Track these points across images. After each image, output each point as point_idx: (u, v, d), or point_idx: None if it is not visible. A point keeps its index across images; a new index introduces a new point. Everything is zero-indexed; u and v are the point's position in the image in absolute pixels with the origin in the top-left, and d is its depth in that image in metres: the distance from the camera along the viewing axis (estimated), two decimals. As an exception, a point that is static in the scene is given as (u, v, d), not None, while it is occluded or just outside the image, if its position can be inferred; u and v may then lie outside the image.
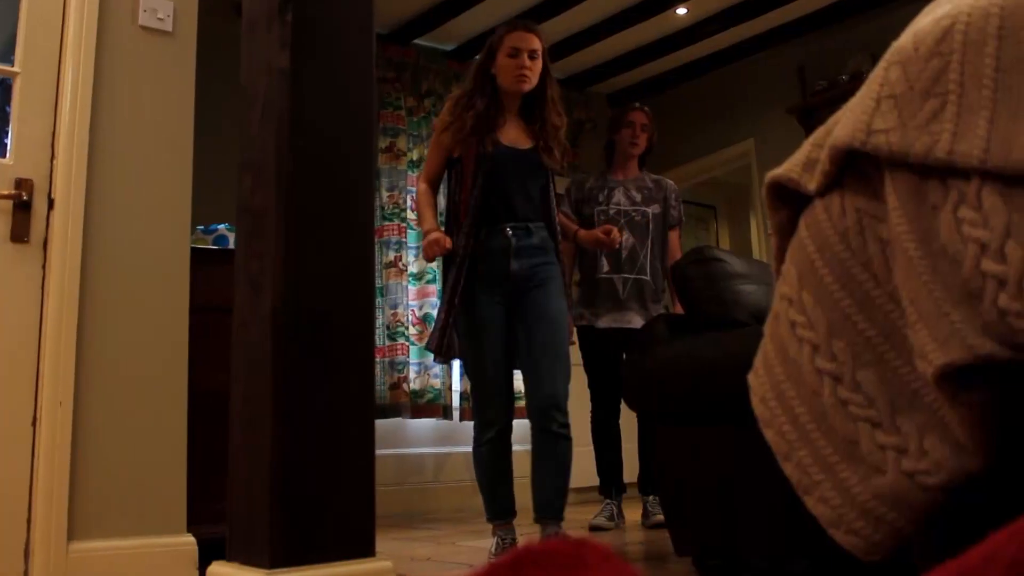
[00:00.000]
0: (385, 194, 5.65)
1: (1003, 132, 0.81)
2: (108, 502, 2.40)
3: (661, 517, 3.79)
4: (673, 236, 4.40)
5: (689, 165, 6.85)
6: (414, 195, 5.80)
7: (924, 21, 0.94)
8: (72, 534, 2.32)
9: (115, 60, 2.59)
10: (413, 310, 5.59)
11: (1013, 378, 0.83)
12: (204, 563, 2.44)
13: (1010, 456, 0.87)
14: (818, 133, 1.04)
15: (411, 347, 5.54)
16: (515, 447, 3.27)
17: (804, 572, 2.54)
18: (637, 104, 4.55)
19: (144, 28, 2.65)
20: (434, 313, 5.69)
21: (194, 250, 2.76)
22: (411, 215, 5.73)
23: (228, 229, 3.54)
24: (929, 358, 0.83)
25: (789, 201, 1.05)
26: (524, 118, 3.35)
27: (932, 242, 0.86)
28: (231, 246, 3.44)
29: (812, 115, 5.92)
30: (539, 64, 3.27)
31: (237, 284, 1.94)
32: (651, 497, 4.18)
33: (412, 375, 5.51)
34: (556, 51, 5.41)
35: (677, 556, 2.73)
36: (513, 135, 3.30)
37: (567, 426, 3.13)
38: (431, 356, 5.63)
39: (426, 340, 3.34)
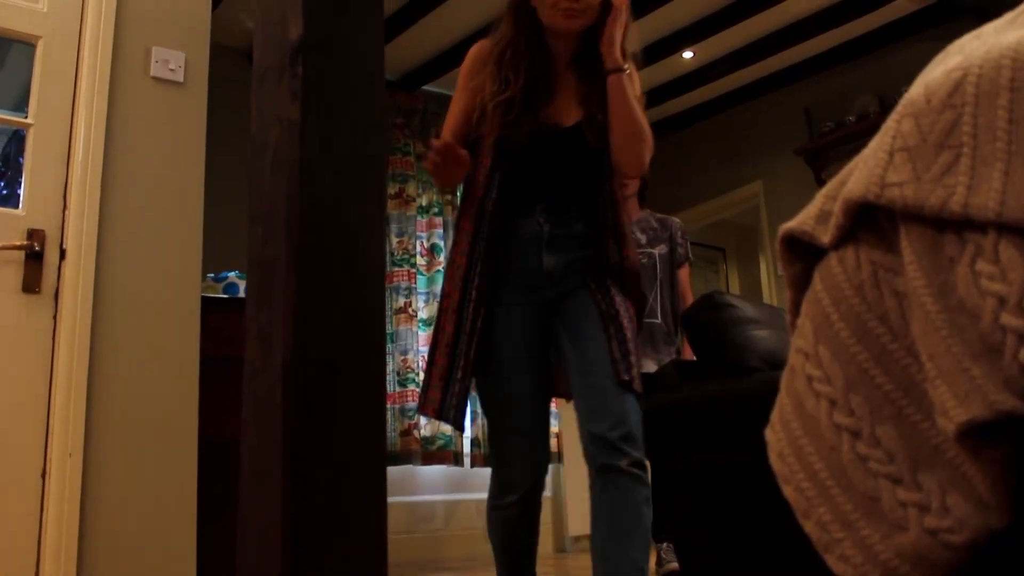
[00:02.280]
0: (395, 240, 5.67)
1: (1018, 185, 0.81)
2: (117, 555, 2.38)
3: (675, 565, 3.75)
4: (683, 274, 4.38)
5: (698, 207, 6.86)
6: (423, 240, 5.81)
7: (935, 73, 0.94)
8: (81, 588, 2.30)
9: (127, 111, 2.61)
10: (423, 356, 5.58)
11: (1036, 433, 0.82)
12: (214, 616, 2.41)
13: (1034, 513, 0.85)
14: (831, 185, 1.04)
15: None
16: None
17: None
18: None
19: (156, 79, 2.67)
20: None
21: (204, 299, 2.76)
22: (420, 260, 5.73)
23: (238, 277, 3.55)
24: (950, 415, 0.82)
25: (803, 254, 1.04)
26: (580, 71, 2.37)
27: (949, 296, 0.85)
28: (241, 294, 3.45)
29: (819, 156, 5.95)
30: None
31: (247, 335, 1.93)
32: (665, 544, 4.14)
33: (423, 421, 5.49)
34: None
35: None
36: (559, 106, 2.35)
37: (642, 465, 2.23)
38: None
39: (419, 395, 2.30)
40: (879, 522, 0.93)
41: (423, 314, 5.63)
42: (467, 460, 5.64)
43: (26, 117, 2.58)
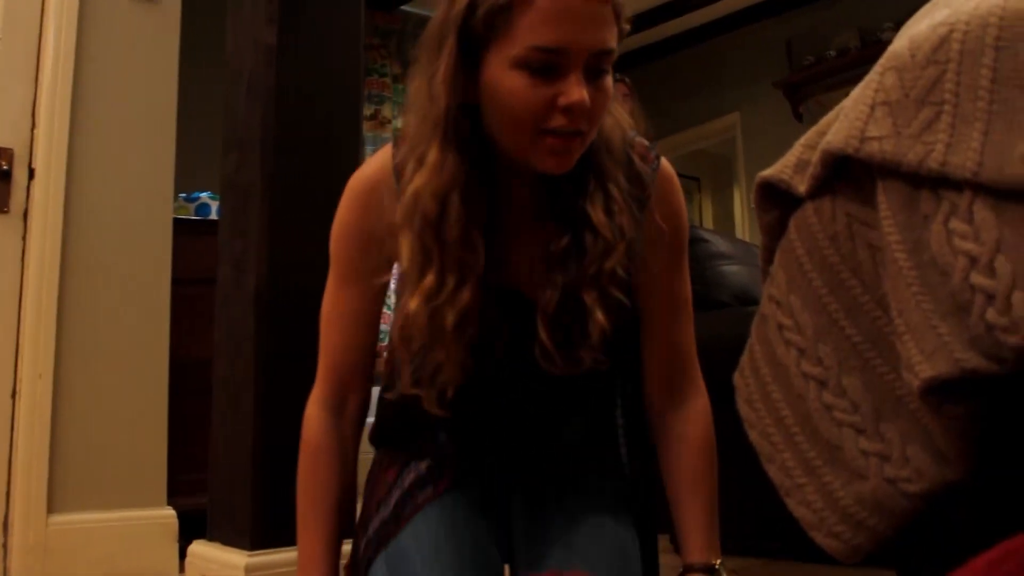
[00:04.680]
0: (369, 162, 5.63)
1: (997, 146, 0.81)
2: (88, 475, 2.39)
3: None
4: None
5: (674, 137, 6.83)
6: (398, 164, 5.77)
7: (920, 26, 0.93)
8: (52, 507, 2.31)
9: (98, 27, 2.55)
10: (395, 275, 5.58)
11: (997, 390, 0.84)
12: (183, 535, 2.44)
13: (990, 467, 0.87)
14: (810, 134, 1.03)
15: (392, 315, 5.53)
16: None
17: (776, 551, 2.56)
18: (618, 76, 4.54)
19: (128, -6, 2.60)
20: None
21: (176, 221, 2.73)
22: (395, 184, 5.71)
23: (211, 197, 3.51)
24: (916, 370, 0.83)
25: (779, 202, 1.05)
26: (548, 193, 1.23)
27: (922, 253, 0.86)
28: (213, 215, 3.42)
29: (798, 90, 5.92)
30: (606, 88, 1.17)
31: (221, 262, 1.93)
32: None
33: (394, 344, 5.51)
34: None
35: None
36: (518, 268, 1.24)
37: None
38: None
39: None
40: (841, 469, 0.95)
41: (396, 237, 5.63)
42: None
43: (-8, 29, 2.51)
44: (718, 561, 1.26)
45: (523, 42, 1.07)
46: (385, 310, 1.54)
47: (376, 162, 1.25)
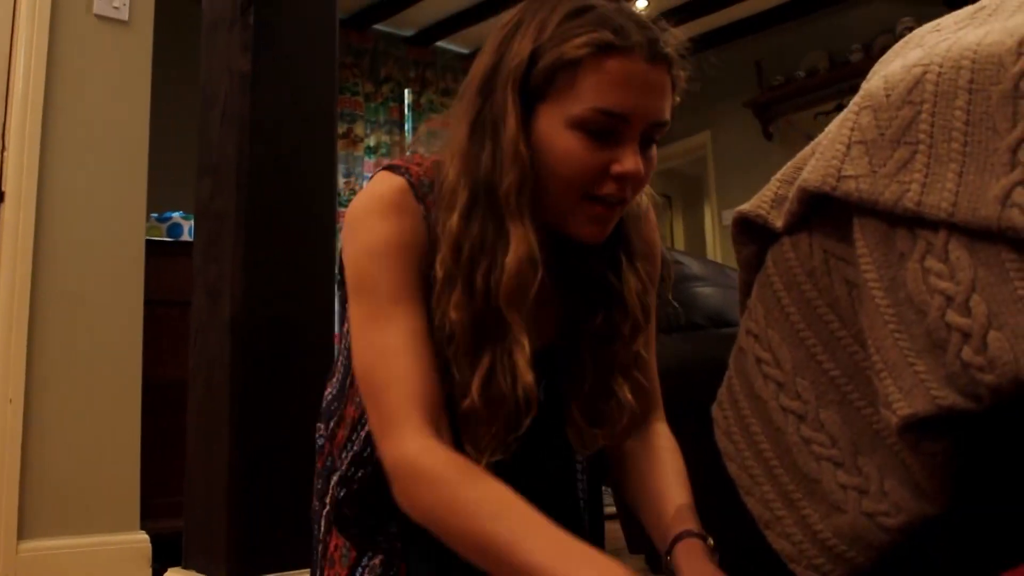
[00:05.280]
0: (341, 181, 5.62)
1: (971, 187, 0.83)
2: (60, 500, 2.37)
3: (612, 509, 3.82)
4: None
5: (646, 156, 6.88)
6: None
7: (894, 66, 0.95)
8: (22, 533, 2.28)
9: (69, 50, 2.53)
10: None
11: (973, 426, 0.85)
12: (157, 559, 2.42)
13: (968, 500, 0.89)
14: (786, 169, 1.05)
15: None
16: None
17: (751, 571, 2.57)
18: None
19: (99, 17, 2.59)
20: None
21: (149, 242, 2.71)
22: (368, 202, 5.71)
23: (183, 217, 3.49)
24: (893, 408, 0.84)
25: (756, 236, 1.06)
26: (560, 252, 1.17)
27: (899, 290, 0.87)
28: (186, 235, 3.40)
29: (768, 109, 5.99)
30: (653, 158, 1.11)
31: (195, 289, 1.91)
32: (603, 488, 4.20)
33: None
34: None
35: (630, 553, 2.74)
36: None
37: None
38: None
39: None
40: (820, 503, 0.96)
41: (369, 256, 5.61)
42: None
43: (-38, 50, 2.49)
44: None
45: (587, 102, 1.02)
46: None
47: (387, 181, 1.11)
